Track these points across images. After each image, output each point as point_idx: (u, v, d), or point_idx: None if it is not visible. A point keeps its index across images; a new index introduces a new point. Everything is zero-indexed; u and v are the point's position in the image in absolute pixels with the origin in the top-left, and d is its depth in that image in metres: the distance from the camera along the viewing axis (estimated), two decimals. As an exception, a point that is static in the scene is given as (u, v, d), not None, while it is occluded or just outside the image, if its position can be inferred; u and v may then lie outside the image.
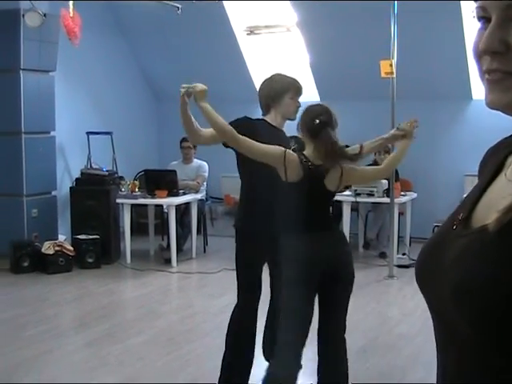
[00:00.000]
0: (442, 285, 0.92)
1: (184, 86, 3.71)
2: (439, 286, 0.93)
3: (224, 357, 4.14)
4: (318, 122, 3.57)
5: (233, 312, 4.17)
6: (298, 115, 4.05)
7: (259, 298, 4.16)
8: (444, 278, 0.91)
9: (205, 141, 3.96)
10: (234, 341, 4.14)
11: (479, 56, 0.91)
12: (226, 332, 4.15)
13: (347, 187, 4.14)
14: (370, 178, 4.38)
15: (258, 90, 4.27)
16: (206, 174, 8.84)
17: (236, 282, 4.08)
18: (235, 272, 4.08)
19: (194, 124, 3.85)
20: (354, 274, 3.67)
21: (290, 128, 4.11)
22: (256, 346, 4.19)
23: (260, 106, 4.20)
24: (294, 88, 4.17)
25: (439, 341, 1.01)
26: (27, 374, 4.70)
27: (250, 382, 4.16)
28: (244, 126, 3.82)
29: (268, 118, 4.15)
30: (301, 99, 4.17)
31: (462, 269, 0.89)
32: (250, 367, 4.18)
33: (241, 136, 3.53)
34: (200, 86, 3.68)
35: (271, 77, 4.25)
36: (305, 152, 3.64)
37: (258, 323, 4.16)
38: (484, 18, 0.90)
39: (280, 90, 4.13)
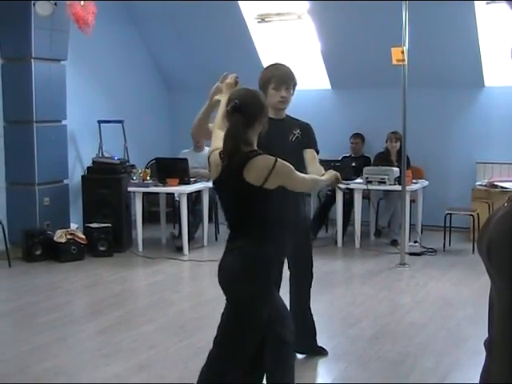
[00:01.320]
0: (484, 245, 1.12)
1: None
2: (483, 248, 1.13)
3: None
4: (232, 106, 3.19)
5: None
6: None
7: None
8: (485, 241, 1.11)
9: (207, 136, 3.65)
10: None
11: None
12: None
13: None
14: (295, 186, 3.40)
15: None
16: (218, 162, 8.83)
17: None
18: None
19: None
20: (241, 298, 3.21)
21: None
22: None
23: None
24: (275, 78, 4.14)
25: (490, 296, 1.18)
26: (40, 361, 4.73)
27: None
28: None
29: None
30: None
31: (493, 231, 1.09)
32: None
33: (215, 131, 3.37)
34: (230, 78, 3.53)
35: (269, 66, 4.29)
36: None
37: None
38: None
39: (264, 81, 4.14)
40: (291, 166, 3.23)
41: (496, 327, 1.12)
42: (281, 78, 4.15)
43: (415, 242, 8.23)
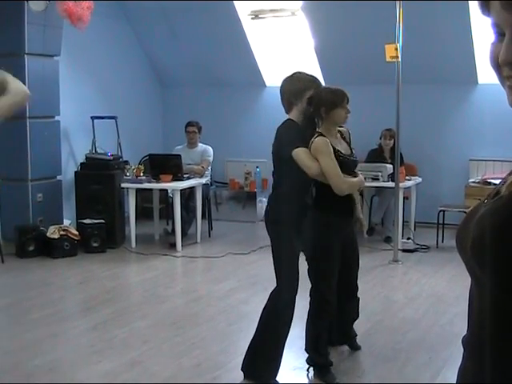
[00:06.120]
0: (467, 243, 1.06)
1: None
2: (466, 245, 1.07)
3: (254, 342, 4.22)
4: None
5: (272, 300, 4.20)
6: None
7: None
8: (469, 238, 1.06)
9: None
10: (271, 330, 4.18)
11: (498, 66, 1.05)
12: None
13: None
14: None
15: (279, 87, 4.30)
16: (211, 159, 8.84)
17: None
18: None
19: None
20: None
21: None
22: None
23: (282, 102, 4.25)
24: (315, 86, 4.22)
25: (470, 293, 1.14)
26: (33, 357, 4.72)
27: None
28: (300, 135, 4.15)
29: (293, 117, 4.20)
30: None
31: (478, 227, 1.03)
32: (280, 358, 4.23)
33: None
34: None
35: (292, 75, 4.32)
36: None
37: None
38: (499, 33, 1.04)
39: (302, 87, 4.20)
40: None
41: (475, 325, 1.11)
42: (318, 86, 4.33)
43: (408, 238, 8.25)
